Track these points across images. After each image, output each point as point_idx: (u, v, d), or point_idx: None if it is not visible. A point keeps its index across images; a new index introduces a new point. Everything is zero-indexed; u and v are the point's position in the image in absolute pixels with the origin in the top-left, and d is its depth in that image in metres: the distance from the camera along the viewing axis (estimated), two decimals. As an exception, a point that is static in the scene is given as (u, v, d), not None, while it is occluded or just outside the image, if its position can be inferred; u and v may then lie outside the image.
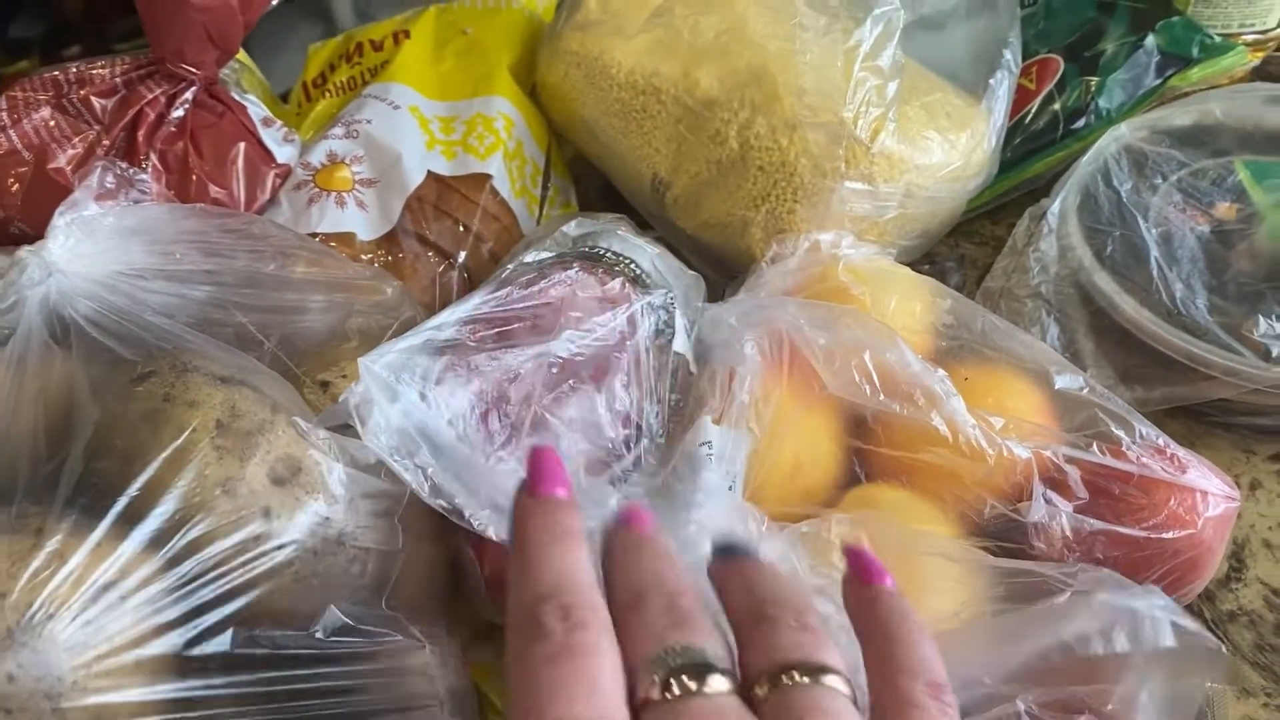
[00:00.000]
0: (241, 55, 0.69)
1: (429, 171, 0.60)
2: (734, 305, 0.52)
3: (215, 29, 0.55)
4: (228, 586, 0.35)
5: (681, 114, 0.61)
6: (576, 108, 0.65)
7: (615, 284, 0.50)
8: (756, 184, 0.58)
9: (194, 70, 0.56)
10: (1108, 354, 0.58)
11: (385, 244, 0.58)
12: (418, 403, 0.42)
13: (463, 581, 0.47)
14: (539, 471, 0.28)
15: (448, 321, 0.45)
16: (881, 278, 0.53)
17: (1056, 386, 0.49)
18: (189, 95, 0.57)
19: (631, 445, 0.48)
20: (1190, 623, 0.33)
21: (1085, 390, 0.49)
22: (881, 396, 0.46)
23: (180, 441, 0.36)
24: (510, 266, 0.51)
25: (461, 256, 0.59)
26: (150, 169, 0.55)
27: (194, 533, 0.35)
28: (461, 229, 0.60)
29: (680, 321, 0.51)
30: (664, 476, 0.47)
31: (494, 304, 0.46)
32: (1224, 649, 0.49)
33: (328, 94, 0.67)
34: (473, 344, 0.45)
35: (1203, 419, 0.58)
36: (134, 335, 0.41)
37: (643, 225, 0.65)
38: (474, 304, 0.47)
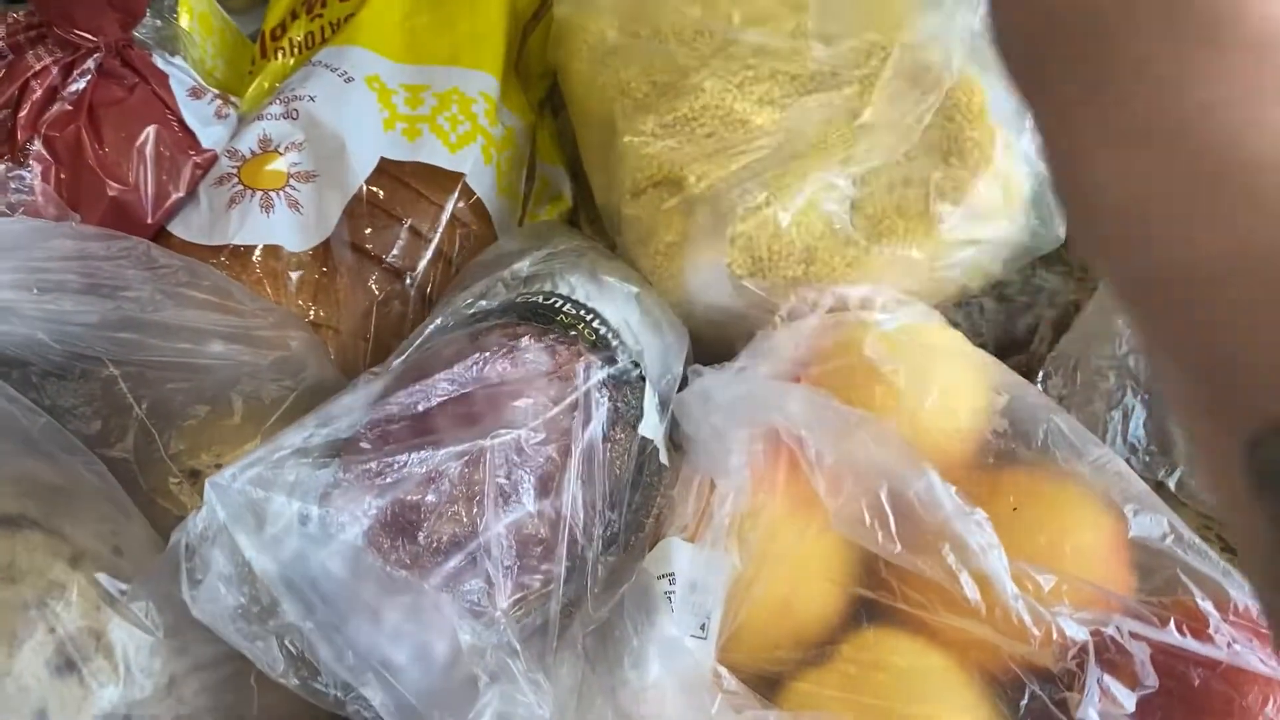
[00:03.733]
0: (187, 4, 0.58)
1: (381, 159, 0.49)
2: (724, 383, 0.41)
3: (111, -12, 0.44)
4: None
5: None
6: (573, 85, 0.53)
7: (569, 353, 0.39)
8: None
9: (90, 37, 0.46)
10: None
11: (318, 257, 0.48)
12: (291, 533, 0.33)
13: None
14: None
15: (344, 413, 0.35)
16: (921, 358, 0.42)
17: (1132, 534, 0.38)
18: (90, 64, 0.47)
19: (576, 569, 0.38)
20: None
21: (1169, 539, 0.38)
22: (898, 548, 0.36)
23: (-74, 623, 0.27)
24: (437, 321, 0.40)
25: (415, 275, 0.49)
26: (34, 157, 0.45)
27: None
28: (415, 238, 0.49)
29: (650, 399, 0.41)
30: (608, 612, 0.37)
31: (407, 391, 0.36)
32: None
33: (281, 52, 0.56)
34: (371, 444, 0.35)
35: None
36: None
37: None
38: (381, 385, 0.37)
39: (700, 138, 0.46)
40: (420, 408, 0.36)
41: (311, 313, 0.47)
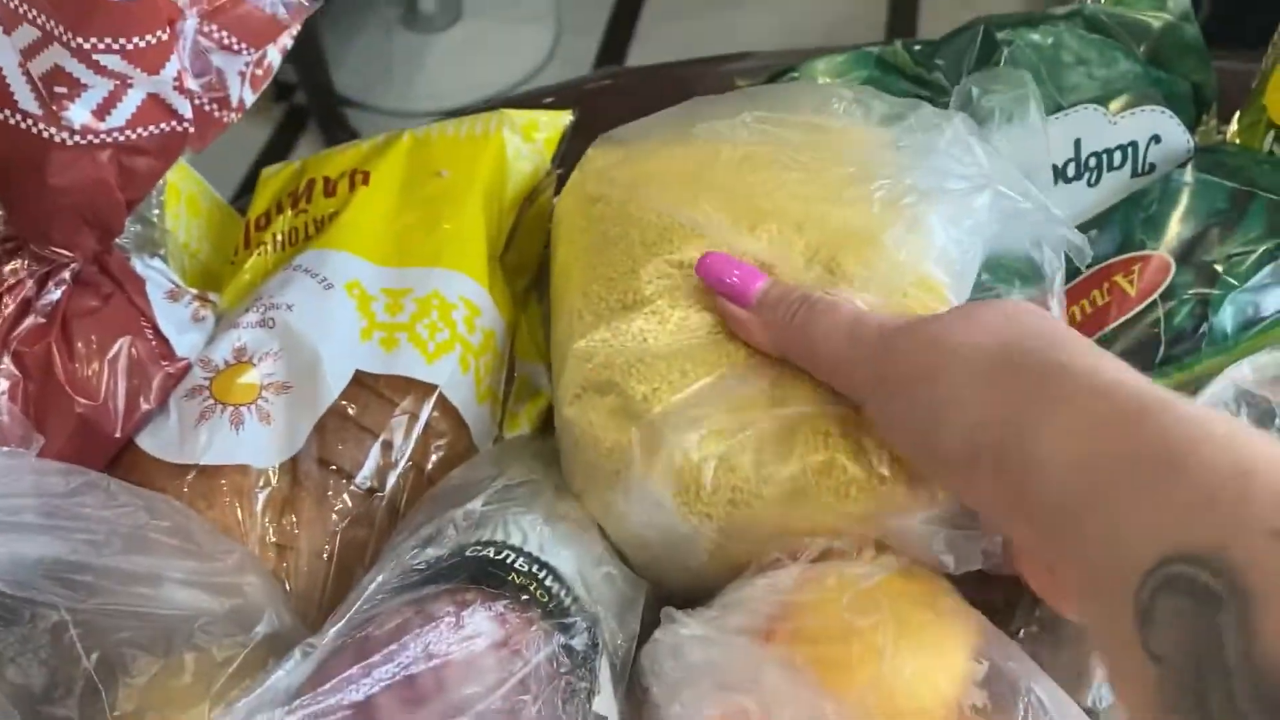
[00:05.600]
0: (176, 181, 0.58)
1: (357, 371, 0.49)
2: (696, 639, 0.40)
3: (89, 209, 0.44)
4: None
5: None
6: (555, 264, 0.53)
7: (520, 621, 0.38)
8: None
9: (66, 254, 0.46)
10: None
11: (285, 473, 0.47)
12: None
13: None
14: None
15: (277, 700, 0.34)
16: (901, 618, 0.40)
17: None
18: (66, 275, 0.46)
19: None
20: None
21: None
22: None
23: None
24: (379, 578, 0.39)
25: (384, 493, 0.48)
26: (3, 374, 0.45)
27: None
28: (386, 453, 0.48)
29: (605, 672, 0.39)
30: None
31: (345, 674, 0.34)
32: None
33: (264, 247, 0.56)
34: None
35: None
36: None
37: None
38: (318, 663, 0.35)
39: (648, 355, 0.46)
40: (360, 694, 0.34)
41: (273, 533, 0.46)
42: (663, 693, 0.39)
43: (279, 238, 0.56)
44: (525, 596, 0.38)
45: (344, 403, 0.48)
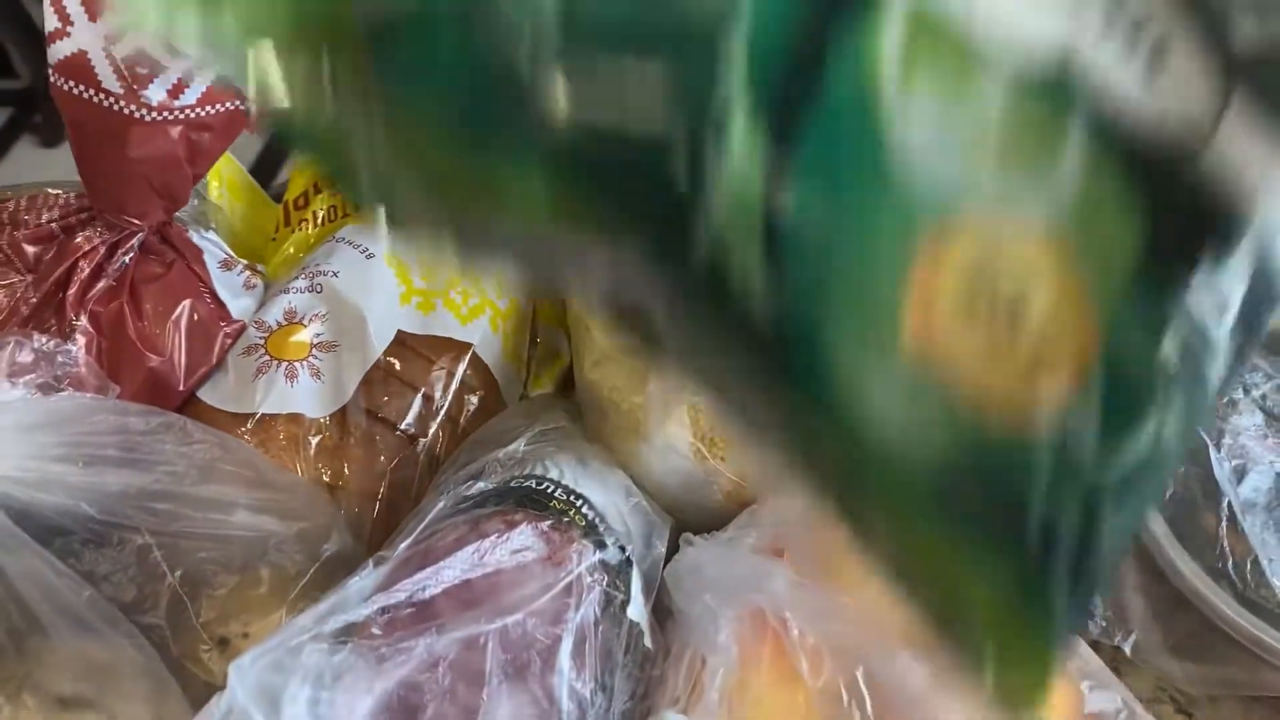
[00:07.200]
0: (219, 165, 0.62)
1: (398, 331, 0.53)
2: (714, 557, 0.45)
3: (160, 181, 0.49)
4: None
5: None
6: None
7: (562, 539, 0.42)
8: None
9: (137, 222, 0.50)
10: (1159, 618, 0.50)
11: (335, 422, 0.51)
12: (305, 716, 0.36)
13: None
14: None
15: (355, 598, 0.38)
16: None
17: (1088, 710, 0.41)
18: (134, 243, 0.51)
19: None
20: None
21: (1122, 714, 0.41)
22: (873, 727, 0.39)
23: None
24: (439, 505, 0.44)
25: (425, 440, 0.52)
26: (79, 331, 0.49)
27: None
28: (427, 405, 0.53)
29: (636, 583, 0.44)
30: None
31: (412, 577, 0.39)
32: None
33: (305, 223, 0.61)
34: (380, 630, 0.38)
35: None
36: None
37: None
38: (389, 570, 0.40)
39: None
40: (425, 594, 0.39)
41: (327, 475, 0.50)
42: (684, 600, 0.43)
43: (319, 215, 0.61)
44: (565, 519, 0.43)
45: (388, 359, 0.53)
